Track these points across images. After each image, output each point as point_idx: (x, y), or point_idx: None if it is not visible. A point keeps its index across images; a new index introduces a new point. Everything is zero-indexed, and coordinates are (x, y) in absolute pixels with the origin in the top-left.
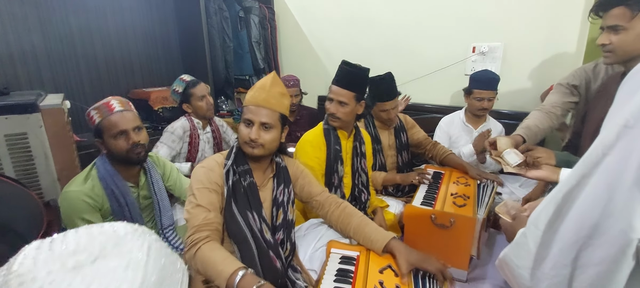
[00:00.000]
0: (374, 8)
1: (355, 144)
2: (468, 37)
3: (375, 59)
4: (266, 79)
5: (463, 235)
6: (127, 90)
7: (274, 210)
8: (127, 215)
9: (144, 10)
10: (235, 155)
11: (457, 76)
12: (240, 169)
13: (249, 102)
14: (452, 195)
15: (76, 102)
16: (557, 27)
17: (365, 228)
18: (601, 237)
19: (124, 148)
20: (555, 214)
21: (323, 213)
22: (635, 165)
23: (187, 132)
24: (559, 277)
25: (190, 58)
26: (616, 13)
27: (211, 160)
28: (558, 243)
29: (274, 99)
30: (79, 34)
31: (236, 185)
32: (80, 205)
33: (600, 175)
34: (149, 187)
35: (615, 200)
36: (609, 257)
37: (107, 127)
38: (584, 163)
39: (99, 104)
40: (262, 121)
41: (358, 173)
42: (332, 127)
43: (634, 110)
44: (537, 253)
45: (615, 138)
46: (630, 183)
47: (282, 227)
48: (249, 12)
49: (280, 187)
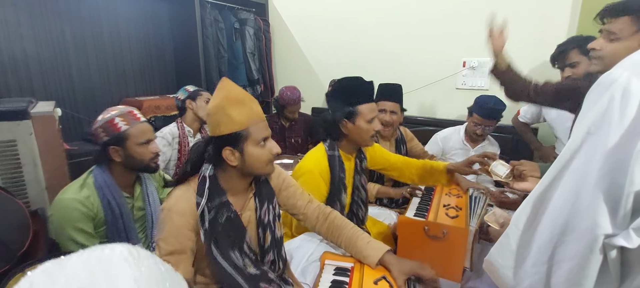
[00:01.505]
0: (368, 23)
1: (356, 162)
2: (459, 53)
3: (368, 72)
4: (238, 93)
5: (456, 246)
6: (119, 98)
7: (260, 232)
8: (120, 226)
9: (139, 20)
10: (210, 190)
11: (449, 90)
12: (216, 204)
13: (254, 121)
14: (444, 207)
15: (67, 110)
16: (543, 44)
17: (357, 242)
18: (571, 234)
19: (148, 157)
20: (532, 214)
21: (310, 226)
22: (596, 168)
23: (176, 139)
24: (539, 274)
25: (184, 68)
26: (621, 22)
27: (182, 201)
28: (536, 242)
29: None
30: (72, 41)
31: (213, 224)
32: (74, 213)
33: (569, 177)
34: (143, 199)
35: (581, 200)
36: (580, 252)
37: (135, 134)
38: (555, 166)
39: (123, 112)
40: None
41: (357, 190)
42: (337, 152)
43: (595, 119)
44: (518, 253)
45: (580, 143)
46: (593, 184)
47: (272, 248)
48: (244, 24)
49: (264, 207)
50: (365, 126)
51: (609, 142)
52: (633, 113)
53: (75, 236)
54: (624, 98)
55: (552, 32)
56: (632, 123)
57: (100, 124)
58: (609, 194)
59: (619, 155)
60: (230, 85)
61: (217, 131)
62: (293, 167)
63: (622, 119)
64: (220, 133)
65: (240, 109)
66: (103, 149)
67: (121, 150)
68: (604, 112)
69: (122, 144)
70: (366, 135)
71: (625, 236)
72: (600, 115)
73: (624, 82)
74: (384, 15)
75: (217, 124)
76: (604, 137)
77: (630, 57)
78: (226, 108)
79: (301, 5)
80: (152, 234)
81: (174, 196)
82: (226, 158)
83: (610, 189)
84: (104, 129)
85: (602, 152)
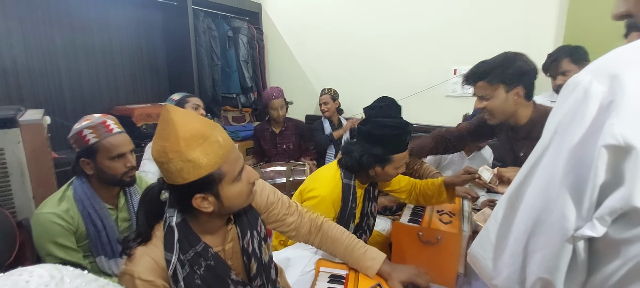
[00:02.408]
0: (361, 31)
1: (368, 189)
2: (449, 60)
3: (361, 80)
4: (196, 125)
5: (449, 251)
6: (110, 106)
7: (245, 260)
8: (104, 239)
9: (131, 28)
10: (180, 241)
11: (440, 97)
12: (190, 256)
13: (225, 156)
14: (438, 213)
15: (57, 119)
16: (530, 52)
17: (353, 253)
18: (542, 225)
19: (120, 172)
20: (508, 208)
21: (304, 241)
22: (562, 164)
23: None
24: (515, 264)
25: (177, 76)
26: (480, 86)
27: (145, 262)
28: (513, 234)
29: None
30: (62, 49)
31: (189, 280)
32: (54, 228)
33: (539, 173)
34: (128, 209)
35: (550, 194)
36: (550, 242)
37: (106, 148)
38: (527, 163)
39: (94, 123)
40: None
41: (366, 217)
42: (353, 182)
43: (561, 118)
44: (496, 245)
45: (548, 141)
46: (560, 179)
47: (259, 274)
48: (238, 32)
49: (247, 236)
50: (393, 172)
51: (573, 140)
52: (593, 113)
53: (55, 251)
54: (586, 99)
55: (538, 41)
56: (593, 122)
57: (72, 134)
58: (574, 188)
59: (582, 152)
60: (181, 115)
61: (179, 179)
62: (285, 174)
63: (583, 119)
64: (183, 181)
65: (204, 147)
66: (76, 161)
67: (92, 163)
68: (568, 112)
69: (92, 157)
70: (389, 179)
71: (590, 226)
72: (565, 115)
73: (586, 85)
74: (376, 24)
75: (177, 172)
76: (569, 135)
77: (595, 62)
78: (184, 152)
79: (294, 14)
80: None
81: (136, 257)
82: (198, 206)
83: (575, 183)
84: (74, 140)
85: (567, 149)
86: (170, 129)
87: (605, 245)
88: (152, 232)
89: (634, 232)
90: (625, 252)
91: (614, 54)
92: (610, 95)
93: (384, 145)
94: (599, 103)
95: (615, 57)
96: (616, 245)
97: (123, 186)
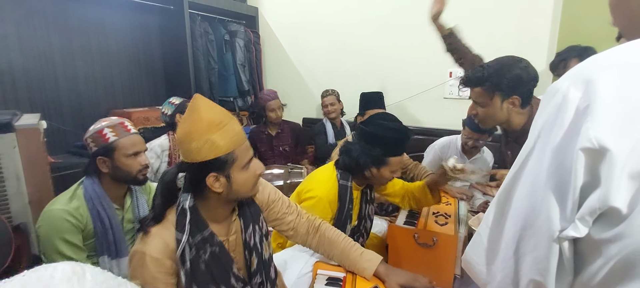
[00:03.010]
0: (357, 35)
1: (365, 191)
2: (445, 63)
3: (357, 82)
4: (218, 113)
5: (446, 253)
6: (107, 110)
7: (247, 254)
8: (110, 238)
9: (128, 32)
10: (191, 224)
11: (437, 99)
12: (198, 240)
13: (238, 143)
14: (434, 214)
15: (53, 123)
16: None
17: (350, 255)
18: (531, 228)
19: (136, 169)
20: (498, 212)
21: (301, 241)
22: (546, 167)
23: (165, 151)
24: (507, 268)
25: (174, 79)
26: (476, 92)
27: (156, 242)
28: (504, 238)
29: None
30: (59, 53)
31: (195, 263)
32: (63, 224)
33: (525, 176)
34: (133, 211)
35: (536, 196)
36: (539, 244)
37: (125, 146)
38: (514, 167)
39: (113, 123)
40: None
41: (364, 220)
42: (350, 184)
43: (543, 123)
44: (489, 249)
45: (532, 144)
46: (544, 182)
47: (259, 271)
48: (235, 36)
49: (249, 229)
50: (387, 175)
51: (554, 143)
52: (571, 117)
53: (62, 248)
54: (564, 104)
55: (533, 43)
56: (570, 126)
57: (90, 134)
58: (557, 190)
59: (563, 155)
60: (206, 103)
61: (198, 157)
62: (283, 177)
63: (562, 123)
64: (201, 159)
65: (222, 131)
66: (92, 160)
67: (109, 161)
68: (549, 117)
69: (110, 155)
70: (384, 182)
71: (573, 227)
72: (547, 120)
73: (564, 91)
74: (372, 27)
75: (196, 150)
76: (550, 139)
77: (573, 69)
78: (206, 133)
79: (291, 18)
80: None
81: (149, 236)
82: (210, 185)
83: (558, 186)
84: (93, 139)
85: (549, 152)
86: (196, 113)
87: (588, 245)
88: (165, 214)
89: (613, 232)
90: (606, 251)
91: (591, 60)
92: (586, 100)
93: (383, 147)
94: (576, 108)
95: (591, 63)
96: (598, 245)
97: (136, 184)
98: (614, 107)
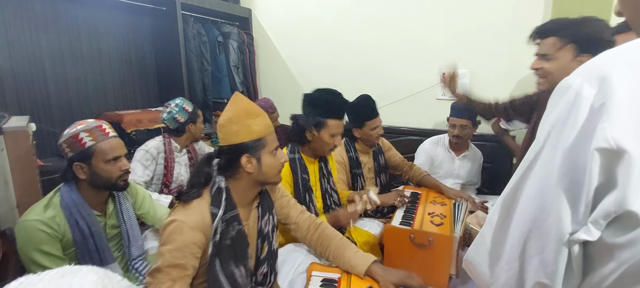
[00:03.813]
0: (350, 36)
1: (320, 166)
2: (438, 64)
3: (351, 84)
4: (253, 105)
5: (441, 253)
6: (98, 112)
7: (259, 242)
8: (91, 246)
9: (119, 33)
10: (226, 201)
11: (430, 100)
12: (229, 217)
13: (269, 131)
14: (429, 215)
15: (43, 125)
16: (515, 56)
17: (344, 252)
18: (539, 230)
19: (115, 175)
20: (504, 213)
21: (301, 236)
22: (557, 167)
23: (161, 154)
24: (512, 270)
25: (167, 81)
26: (548, 43)
27: (195, 215)
28: (509, 239)
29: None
30: (49, 54)
31: (223, 237)
32: (38, 235)
33: (534, 176)
34: (117, 216)
35: (546, 197)
36: (547, 246)
37: (102, 151)
38: (521, 166)
39: (90, 127)
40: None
41: (328, 194)
42: (298, 155)
43: (554, 121)
44: (492, 250)
45: (542, 143)
46: (555, 183)
47: (267, 260)
48: (228, 37)
49: (265, 217)
50: (328, 139)
51: (566, 143)
52: (585, 116)
53: (39, 259)
54: (577, 102)
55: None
56: (584, 125)
57: (65, 138)
58: (569, 192)
59: (576, 155)
60: (245, 99)
61: (235, 140)
62: None
63: (576, 122)
64: (238, 141)
65: (257, 119)
66: (68, 166)
67: (86, 168)
68: (561, 115)
69: (88, 161)
70: (326, 147)
71: (585, 230)
72: (558, 118)
73: (578, 87)
74: (365, 29)
75: (235, 134)
76: (562, 138)
77: (585, 65)
78: (244, 119)
79: (284, 19)
80: (130, 253)
81: (189, 208)
82: (244, 165)
83: (570, 187)
84: (68, 144)
85: (561, 152)
86: (237, 105)
87: (600, 248)
88: (201, 192)
89: (627, 237)
90: (618, 256)
91: (605, 56)
92: (601, 98)
93: (321, 108)
94: (590, 106)
95: (605, 58)
96: (610, 249)
97: (116, 190)
98: (631, 106)
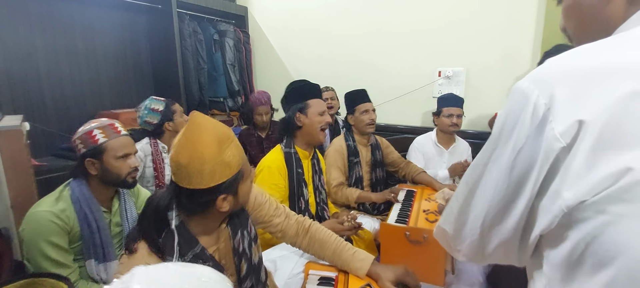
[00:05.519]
0: (346, 34)
1: (313, 162)
2: (434, 62)
3: (348, 82)
4: (223, 128)
5: (436, 249)
6: (94, 111)
7: (236, 261)
8: (97, 241)
9: (115, 32)
10: (179, 244)
11: (426, 98)
12: (190, 258)
13: (242, 155)
14: (424, 212)
15: (37, 125)
16: (511, 54)
17: (342, 255)
18: (495, 209)
19: (125, 171)
20: (468, 192)
21: (290, 243)
22: (511, 159)
23: (149, 156)
24: (475, 235)
25: (163, 80)
26: None
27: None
28: (472, 213)
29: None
30: (43, 53)
31: None
32: (49, 226)
33: (490, 165)
34: (121, 214)
35: (500, 185)
36: (504, 225)
37: (114, 148)
38: (482, 154)
39: (103, 124)
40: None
41: (318, 191)
42: (293, 149)
43: (506, 119)
44: (458, 219)
45: (497, 138)
46: (507, 174)
47: (249, 275)
48: (224, 35)
49: (237, 235)
50: (317, 118)
51: (517, 141)
52: (533, 116)
53: (48, 251)
54: (526, 105)
55: (518, 43)
56: (532, 125)
57: (79, 135)
58: (519, 182)
59: (526, 151)
60: (209, 121)
61: (211, 182)
62: None
63: (525, 122)
64: (214, 183)
65: (231, 148)
66: (80, 162)
67: (98, 163)
68: (513, 114)
69: (99, 157)
70: (317, 126)
71: (540, 223)
72: (507, 117)
73: (528, 92)
74: (361, 27)
75: (210, 174)
76: (513, 136)
77: (535, 71)
78: (219, 153)
79: (281, 17)
80: None
81: (136, 259)
82: (219, 207)
83: (520, 178)
84: (82, 140)
85: (512, 147)
86: (204, 135)
87: (553, 234)
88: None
89: (577, 225)
90: (573, 236)
91: (551, 62)
92: (548, 102)
93: (296, 95)
94: (534, 106)
95: (551, 65)
96: (561, 235)
97: (125, 187)
98: (570, 108)
